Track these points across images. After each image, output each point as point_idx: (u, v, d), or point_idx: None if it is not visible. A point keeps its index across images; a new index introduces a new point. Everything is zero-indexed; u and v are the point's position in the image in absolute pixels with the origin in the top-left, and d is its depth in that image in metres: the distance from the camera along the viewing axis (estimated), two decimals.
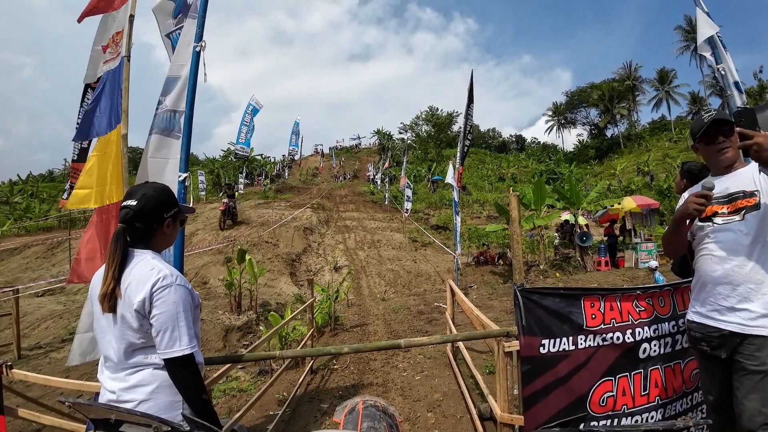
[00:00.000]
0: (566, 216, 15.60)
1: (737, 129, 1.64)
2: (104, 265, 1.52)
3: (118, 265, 1.47)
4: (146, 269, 1.46)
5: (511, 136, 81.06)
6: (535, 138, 78.18)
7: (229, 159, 39.30)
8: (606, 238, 14.04)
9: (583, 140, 60.19)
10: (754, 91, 39.90)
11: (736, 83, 3.09)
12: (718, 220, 1.85)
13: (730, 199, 1.84)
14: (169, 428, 0.90)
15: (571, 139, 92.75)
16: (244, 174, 36.37)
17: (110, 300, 1.45)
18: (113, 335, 1.49)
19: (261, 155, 45.34)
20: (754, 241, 1.76)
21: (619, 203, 15.23)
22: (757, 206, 1.76)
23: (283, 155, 48.42)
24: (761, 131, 1.66)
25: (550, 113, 65.43)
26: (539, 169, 43.45)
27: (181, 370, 1.44)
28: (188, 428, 0.91)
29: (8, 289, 7.91)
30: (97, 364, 1.63)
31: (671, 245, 2.08)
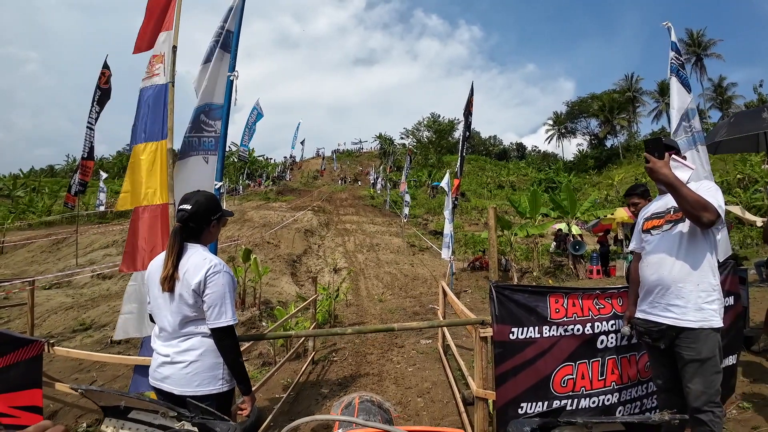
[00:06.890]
0: (560, 225, 16.04)
1: (644, 154, 2.08)
2: (164, 254, 1.95)
3: (176, 255, 1.90)
4: (200, 259, 1.89)
5: (512, 143, 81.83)
6: (535, 146, 78.84)
7: (231, 160, 39.77)
8: (598, 246, 14.46)
9: (582, 150, 60.80)
10: (754, 105, 40.39)
11: (685, 113, 3.52)
12: (654, 231, 2.25)
13: (665, 213, 2.22)
14: (176, 413, 0.93)
15: (571, 148, 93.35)
16: (245, 175, 36.84)
17: (170, 282, 1.87)
18: (169, 310, 1.91)
19: (263, 156, 45.86)
20: (679, 246, 2.10)
21: (611, 213, 15.70)
22: (683, 218, 2.09)
23: (285, 157, 48.98)
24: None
25: (551, 122, 65.98)
26: (538, 178, 43.98)
27: (225, 337, 1.86)
28: (193, 414, 0.93)
29: (27, 279, 8.30)
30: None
31: None
